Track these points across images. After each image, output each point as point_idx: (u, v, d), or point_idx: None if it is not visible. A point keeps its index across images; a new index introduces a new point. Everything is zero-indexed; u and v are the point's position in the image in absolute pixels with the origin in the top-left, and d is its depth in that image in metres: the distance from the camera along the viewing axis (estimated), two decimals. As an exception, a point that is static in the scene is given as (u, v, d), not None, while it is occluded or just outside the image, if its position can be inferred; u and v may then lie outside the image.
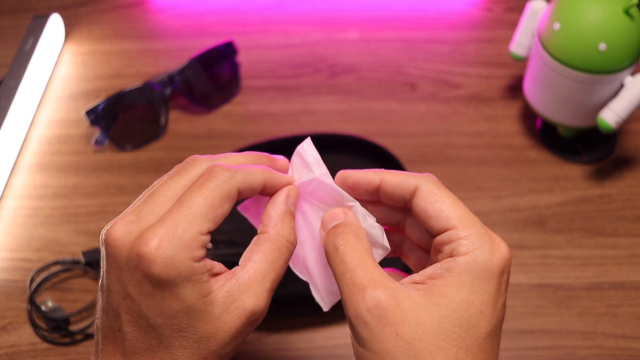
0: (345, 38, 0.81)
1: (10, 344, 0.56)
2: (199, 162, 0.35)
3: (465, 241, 0.33)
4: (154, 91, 0.70)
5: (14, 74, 0.70)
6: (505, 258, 0.33)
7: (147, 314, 0.32)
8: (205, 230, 0.33)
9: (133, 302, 0.33)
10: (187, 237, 0.32)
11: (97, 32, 0.82)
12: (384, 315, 0.31)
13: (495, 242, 0.33)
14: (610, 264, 0.60)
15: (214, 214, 0.33)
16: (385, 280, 0.32)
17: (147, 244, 0.31)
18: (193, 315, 0.32)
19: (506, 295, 0.34)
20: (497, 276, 0.32)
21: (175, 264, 0.31)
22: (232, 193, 0.34)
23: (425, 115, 0.72)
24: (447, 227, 0.33)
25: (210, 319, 0.33)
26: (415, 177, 0.35)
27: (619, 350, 0.54)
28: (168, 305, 0.32)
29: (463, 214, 0.34)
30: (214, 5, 0.85)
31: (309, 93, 0.75)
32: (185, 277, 0.32)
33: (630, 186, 0.65)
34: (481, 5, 0.84)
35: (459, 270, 0.32)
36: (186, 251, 0.32)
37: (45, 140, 0.71)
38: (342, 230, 0.35)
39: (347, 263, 0.33)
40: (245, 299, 0.33)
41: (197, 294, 0.32)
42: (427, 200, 0.34)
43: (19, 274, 0.60)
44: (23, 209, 0.65)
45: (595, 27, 0.57)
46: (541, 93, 0.64)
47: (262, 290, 0.34)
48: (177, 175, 0.35)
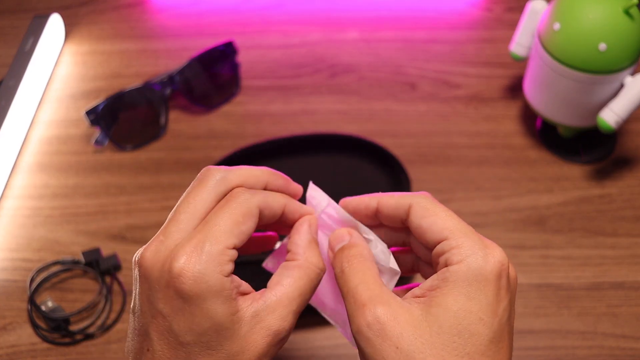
0: (345, 38, 0.81)
1: (10, 344, 0.56)
2: (214, 172, 0.37)
3: (457, 250, 0.33)
4: (154, 91, 0.70)
5: (14, 74, 0.70)
6: (500, 262, 0.33)
7: (178, 331, 0.33)
8: (232, 245, 0.34)
9: (164, 319, 0.33)
10: (215, 251, 0.33)
11: (97, 32, 0.82)
12: (382, 330, 0.32)
13: (489, 247, 0.33)
14: (610, 264, 0.60)
15: (238, 230, 0.34)
16: (385, 296, 0.33)
17: (177, 260, 0.32)
18: (222, 332, 0.33)
19: (509, 298, 0.33)
20: (494, 281, 0.32)
21: (206, 278, 0.32)
22: (253, 211, 0.35)
23: (425, 115, 0.72)
24: (441, 239, 0.34)
25: (237, 338, 0.33)
26: (409, 196, 0.36)
27: (619, 350, 0.54)
28: (198, 321, 0.33)
29: (455, 224, 0.34)
30: (214, 5, 0.85)
31: (309, 93, 0.75)
32: (214, 292, 0.32)
33: (630, 186, 0.65)
34: (481, 5, 0.84)
35: (454, 279, 0.33)
36: (215, 265, 0.33)
37: (45, 140, 0.71)
38: (347, 253, 0.37)
39: (349, 283, 0.35)
40: (272, 320, 0.34)
41: (226, 311, 0.33)
42: (421, 216, 0.35)
43: (19, 274, 0.60)
44: (23, 209, 0.65)
45: (595, 27, 0.57)
46: (541, 93, 0.64)
47: (288, 313, 0.34)
48: (195, 190, 0.36)
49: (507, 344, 0.33)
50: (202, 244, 0.33)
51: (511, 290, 0.34)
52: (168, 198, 0.65)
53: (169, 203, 0.65)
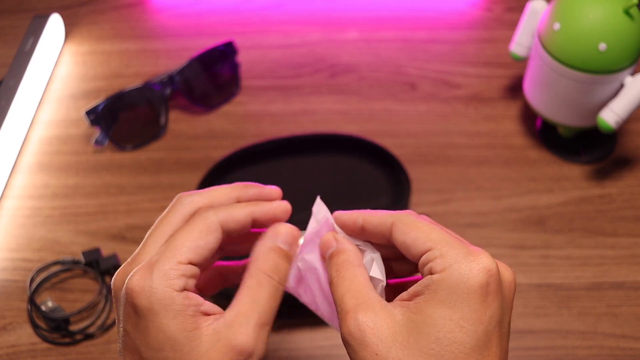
0: (345, 38, 0.81)
1: (10, 344, 0.56)
2: (183, 198, 0.38)
3: (440, 259, 0.33)
4: (154, 91, 0.70)
5: (14, 74, 0.70)
6: (485, 268, 0.32)
7: (139, 346, 0.34)
8: (185, 260, 0.34)
9: (128, 337, 0.34)
10: (166, 267, 0.34)
11: (97, 32, 0.82)
12: (362, 337, 0.32)
13: (473, 255, 0.33)
14: (610, 264, 0.60)
15: (193, 245, 0.35)
16: (370, 302, 0.34)
17: (132, 278, 0.34)
18: (178, 349, 0.33)
19: (499, 303, 0.33)
20: (478, 288, 0.32)
21: (154, 292, 0.33)
22: (212, 226, 0.36)
23: (425, 115, 0.72)
24: (425, 250, 0.34)
25: (197, 355, 0.33)
26: (392, 214, 0.36)
27: (619, 350, 0.54)
28: (153, 336, 0.33)
29: (438, 235, 0.34)
30: (214, 5, 0.85)
31: (309, 93, 0.75)
32: (164, 306, 0.33)
33: (630, 186, 0.65)
34: (481, 5, 0.84)
35: (435, 287, 0.32)
36: (164, 280, 0.33)
37: (45, 140, 0.71)
38: (335, 261, 0.37)
39: (337, 291, 0.35)
40: (231, 336, 0.34)
41: (180, 327, 0.33)
42: (403, 232, 0.35)
43: (19, 274, 0.60)
44: (23, 209, 0.65)
45: (595, 27, 0.57)
46: (541, 93, 0.64)
47: (248, 326, 0.34)
48: (165, 216, 0.38)
49: (496, 350, 0.33)
50: (154, 261, 0.34)
51: (504, 295, 0.33)
52: (168, 198, 0.65)
53: (168, 203, 0.64)
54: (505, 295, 0.34)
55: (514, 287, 0.35)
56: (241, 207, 0.37)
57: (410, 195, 0.63)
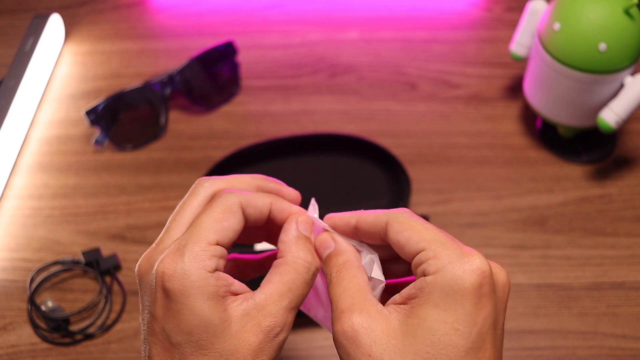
0: (345, 38, 0.81)
1: (10, 344, 0.56)
2: (203, 181, 0.38)
3: (433, 260, 0.33)
4: (154, 91, 0.70)
5: (14, 74, 0.70)
6: (479, 270, 0.32)
7: (169, 331, 0.33)
8: (213, 241, 0.34)
9: (156, 322, 0.34)
10: (195, 249, 0.34)
11: (97, 32, 0.82)
12: (356, 338, 0.33)
13: (467, 256, 0.33)
14: (611, 264, 0.60)
15: (219, 226, 0.35)
16: (366, 304, 0.34)
17: (162, 262, 0.34)
18: (211, 330, 0.33)
19: (493, 305, 0.33)
20: (472, 290, 0.32)
21: (187, 274, 0.33)
22: (234, 207, 0.36)
23: (425, 115, 0.72)
24: (418, 250, 0.34)
25: (228, 336, 0.33)
26: (386, 213, 0.36)
27: (619, 350, 0.54)
28: (185, 319, 0.33)
29: (432, 236, 0.34)
30: (214, 5, 0.85)
31: (309, 93, 0.75)
32: (197, 288, 0.33)
33: (631, 186, 0.65)
34: (481, 5, 0.84)
35: (429, 290, 0.32)
36: (196, 262, 0.33)
37: (45, 140, 0.71)
38: (335, 262, 0.37)
39: (335, 291, 0.36)
40: (261, 318, 0.34)
41: (213, 308, 0.33)
42: (397, 231, 0.35)
43: (19, 274, 0.60)
44: (23, 209, 0.65)
45: (595, 27, 0.57)
46: (541, 93, 0.64)
47: (279, 309, 0.34)
48: (186, 200, 0.38)
49: (490, 353, 0.32)
50: (183, 244, 0.34)
51: (497, 297, 0.33)
52: (168, 198, 0.65)
53: (169, 203, 0.65)
54: (499, 296, 0.33)
55: (508, 287, 0.35)
56: (261, 196, 0.37)
57: (410, 195, 0.63)
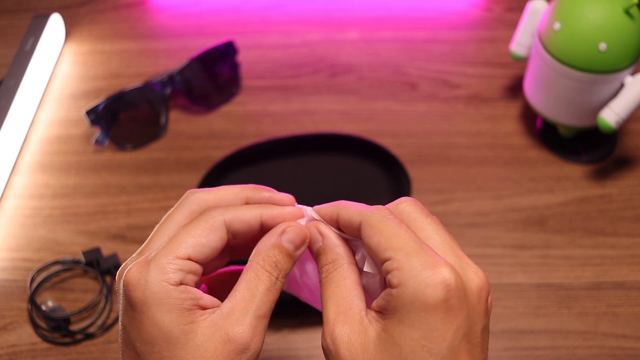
0: (345, 38, 0.81)
1: (10, 344, 0.56)
2: (192, 196, 0.37)
3: (397, 272, 0.31)
4: (154, 91, 0.70)
5: (14, 74, 0.70)
6: (444, 283, 0.30)
7: (133, 340, 0.33)
8: (184, 255, 0.34)
9: (124, 330, 0.34)
10: (162, 261, 0.33)
11: (97, 32, 0.82)
12: (337, 351, 0.33)
13: (433, 268, 0.31)
14: (611, 264, 0.60)
15: (195, 241, 0.34)
16: (350, 312, 0.34)
17: (129, 272, 0.34)
18: (172, 342, 0.33)
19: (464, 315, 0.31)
20: (436, 305, 0.30)
21: (148, 285, 0.33)
22: (216, 225, 0.35)
23: (425, 115, 0.72)
24: (384, 259, 0.33)
25: (192, 348, 0.33)
26: (360, 212, 0.35)
27: (619, 350, 0.54)
28: (146, 329, 0.33)
29: (399, 243, 0.32)
30: (214, 5, 0.85)
31: (309, 93, 0.75)
32: (159, 300, 0.33)
33: (631, 186, 0.65)
34: (481, 5, 0.84)
35: (394, 304, 0.31)
36: (160, 274, 0.33)
37: (45, 140, 0.71)
38: (323, 260, 0.36)
39: (324, 294, 0.35)
40: (228, 327, 0.33)
41: (176, 321, 0.33)
42: (367, 235, 0.34)
43: (19, 274, 0.60)
44: (23, 208, 0.65)
45: (595, 27, 0.57)
46: (541, 93, 0.64)
47: (245, 317, 0.34)
48: (174, 213, 0.37)
49: None
50: (153, 255, 0.34)
51: (471, 304, 0.32)
52: (168, 198, 0.65)
53: (169, 203, 0.65)
54: (472, 304, 0.32)
55: (486, 292, 0.33)
56: (249, 209, 0.36)
57: (410, 195, 0.63)
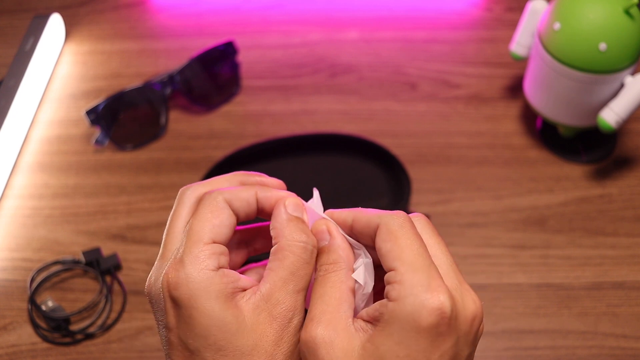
0: (345, 38, 0.81)
1: (10, 344, 0.56)
2: (186, 190, 0.38)
3: (397, 286, 0.31)
4: (154, 91, 0.70)
5: (14, 74, 0.70)
6: (439, 309, 0.30)
7: (184, 339, 0.33)
8: (208, 240, 0.34)
9: (171, 333, 0.34)
10: (194, 252, 0.34)
11: (97, 32, 0.82)
12: (314, 350, 0.32)
13: (432, 291, 0.31)
14: (611, 264, 0.60)
15: (210, 225, 0.35)
16: (335, 316, 0.33)
17: (166, 274, 0.34)
18: (226, 330, 0.33)
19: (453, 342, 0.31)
20: (428, 328, 0.30)
21: (191, 278, 0.33)
22: (220, 204, 0.35)
23: (425, 115, 0.72)
24: (390, 268, 0.32)
25: (244, 332, 0.33)
26: (379, 215, 0.34)
27: (619, 350, 0.54)
28: (198, 323, 0.33)
29: (409, 257, 0.32)
30: (214, 5, 0.85)
31: (309, 93, 0.75)
32: (205, 288, 0.33)
33: (631, 186, 0.65)
34: (481, 5, 0.84)
35: (387, 317, 0.31)
36: (197, 264, 0.33)
37: (45, 140, 0.71)
38: (325, 259, 0.36)
39: (317, 291, 0.35)
40: (271, 307, 0.34)
41: (224, 307, 0.33)
42: (383, 238, 0.33)
43: (19, 274, 0.60)
44: (23, 208, 0.65)
45: (595, 27, 0.57)
46: (541, 93, 0.64)
47: (286, 294, 0.34)
48: (175, 211, 0.37)
49: None
50: (181, 251, 0.34)
51: (461, 332, 0.32)
52: (168, 198, 0.65)
53: (169, 203, 0.65)
54: (463, 331, 0.32)
55: (479, 320, 0.33)
56: (245, 188, 0.37)
57: (410, 195, 0.63)
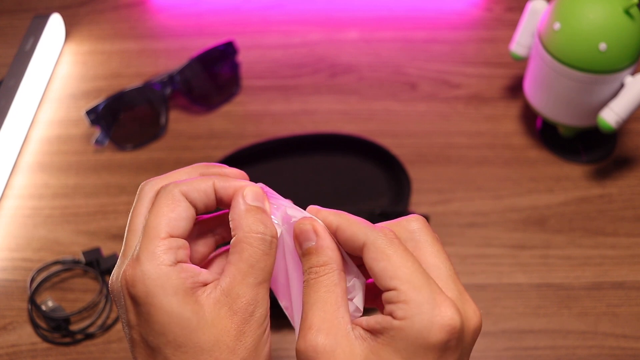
0: (345, 38, 0.81)
1: (10, 344, 0.56)
2: (146, 186, 0.37)
3: (403, 305, 0.31)
4: (154, 91, 0.70)
5: (14, 74, 0.70)
6: (449, 325, 0.31)
7: (145, 336, 0.33)
8: (165, 234, 0.33)
9: (133, 330, 0.33)
10: (149, 248, 0.33)
11: (97, 32, 0.82)
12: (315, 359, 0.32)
13: (439, 307, 0.31)
14: (611, 264, 0.60)
15: (165, 219, 0.34)
16: (336, 322, 0.32)
17: (124, 272, 0.33)
18: (185, 326, 0.32)
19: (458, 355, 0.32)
20: (437, 345, 0.31)
21: (147, 274, 0.32)
22: (176, 197, 0.35)
23: (425, 115, 0.72)
24: (389, 288, 0.32)
25: (204, 327, 0.32)
26: (366, 231, 0.33)
27: (619, 350, 0.54)
28: (156, 320, 0.32)
29: (407, 274, 0.32)
30: (214, 5, 0.85)
31: (309, 93, 0.75)
32: (162, 285, 0.32)
33: (631, 186, 0.65)
34: (481, 5, 0.84)
35: (393, 334, 0.31)
36: (152, 259, 0.33)
37: (45, 140, 0.71)
38: (315, 261, 0.35)
39: (309, 297, 0.34)
40: (231, 301, 0.33)
41: (182, 302, 0.32)
42: (372, 258, 0.33)
43: (19, 274, 0.60)
44: (23, 208, 0.65)
45: (595, 27, 0.57)
46: (541, 93, 0.64)
47: (245, 287, 0.33)
48: (136, 207, 0.36)
49: None
50: (138, 248, 0.33)
51: (464, 345, 0.32)
52: (168, 198, 0.65)
53: (169, 203, 0.65)
54: (466, 344, 0.32)
55: (478, 331, 0.33)
56: (202, 179, 0.36)
57: (410, 195, 0.63)
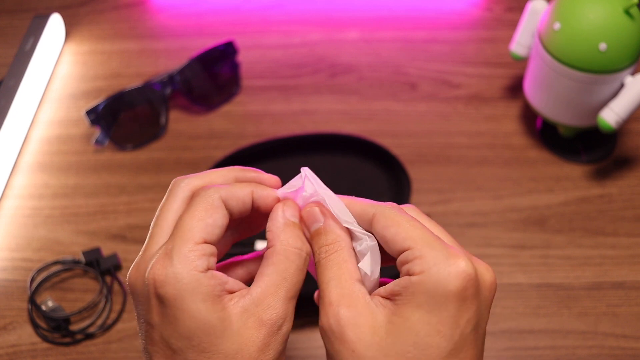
0: (345, 38, 0.81)
1: (10, 344, 0.56)
2: (179, 181, 0.37)
3: (419, 260, 0.32)
4: (154, 91, 0.70)
5: (14, 74, 0.70)
6: (464, 273, 0.32)
7: (167, 337, 0.33)
8: (200, 239, 0.33)
9: (154, 330, 0.33)
10: (184, 251, 0.33)
11: (97, 32, 0.82)
12: (341, 333, 0.33)
13: (453, 258, 0.32)
14: (611, 264, 0.60)
15: (203, 224, 0.34)
16: (354, 296, 0.34)
17: (152, 269, 0.33)
18: (211, 332, 0.32)
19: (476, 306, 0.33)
20: (456, 293, 0.32)
21: (179, 277, 0.32)
22: (215, 202, 0.35)
23: (425, 115, 0.72)
24: (404, 249, 0.33)
25: (230, 336, 0.33)
26: (374, 205, 0.36)
27: (619, 350, 0.55)
28: (183, 324, 0.32)
29: (419, 234, 0.33)
30: (214, 5, 0.85)
31: (309, 93, 0.75)
32: (192, 290, 0.32)
33: (631, 186, 0.65)
34: (481, 5, 0.84)
35: (413, 290, 0.32)
36: (186, 263, 0.33)
37: (45, 140, 0.71)
38: (324, 240, 0.36)
39: (323, 277, 0.35)
40: (261, 312, 0.33)
41: (210, 309, 0.32)
42: (384, 226, 0.34)
43: (19, 274, 0.60)
44: (23, 208, 0.65)
45: (595, 27, 0.57)
46: (541, 93, 0.64)
47: (277, 300, 0.34)
48: (165, 202, 0.36)
49: (472, 353, 0.33)
50: (170, 247, 0.33)
51: (482, 298, 0.33)
52: (168, 198, 0.65)
53: (169, 203, 0.65)
54: (483, 297, 0.33)
55: (494, 288, 0.34)
56: (241, 186, 0.36)
57: (410, 195, 0.63)
